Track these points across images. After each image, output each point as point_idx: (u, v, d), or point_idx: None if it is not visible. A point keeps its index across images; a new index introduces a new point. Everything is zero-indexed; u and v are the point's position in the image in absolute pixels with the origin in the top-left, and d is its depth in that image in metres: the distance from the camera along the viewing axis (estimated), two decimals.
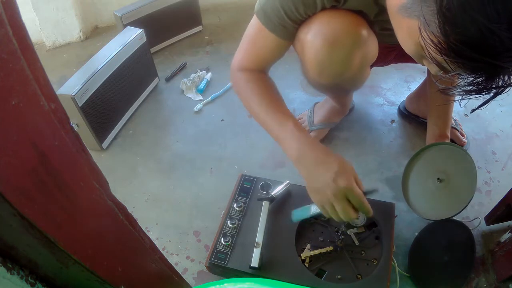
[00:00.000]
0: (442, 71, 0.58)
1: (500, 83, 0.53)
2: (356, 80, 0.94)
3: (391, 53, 1.06)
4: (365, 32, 0.79)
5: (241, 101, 0.89)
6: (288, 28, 0.80)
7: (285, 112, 0.83)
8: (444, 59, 0.52)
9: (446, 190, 0.93)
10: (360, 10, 0.79)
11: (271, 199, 0.97)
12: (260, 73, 0.88)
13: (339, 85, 0.92)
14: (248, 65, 0.87)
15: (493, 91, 0.54)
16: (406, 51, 0.65)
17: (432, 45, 0.52)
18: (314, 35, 0.78)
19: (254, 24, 0.83)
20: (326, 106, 1.24)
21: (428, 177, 0.96)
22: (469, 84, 0.53)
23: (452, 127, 1.17)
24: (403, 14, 0.58)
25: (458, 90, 0.54)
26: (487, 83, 0.53)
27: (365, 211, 0.77)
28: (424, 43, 0.54)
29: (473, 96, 0.55)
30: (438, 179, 0.94)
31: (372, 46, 0.84)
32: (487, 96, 0.55)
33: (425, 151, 0.99)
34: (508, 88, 0.55)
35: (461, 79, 0.54)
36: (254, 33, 0.84)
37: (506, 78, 0.53)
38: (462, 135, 1.20)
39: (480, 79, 0.52)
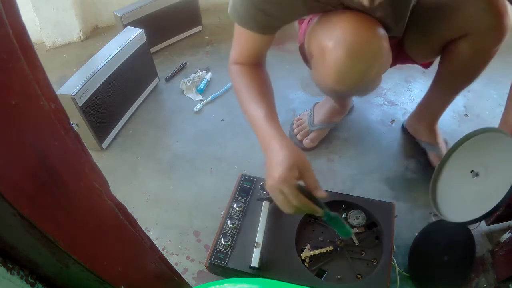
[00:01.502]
0: None
1: None
2: (368, 89, 0.94)
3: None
4: (386, 44, 0.78)
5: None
6: (259, 22, 0.79)
7: (260, 104, 0.82)
8: None
9: (479, 186, 0.82)
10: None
11: (271, 199, 0.97)
12: (251, 66, 0.89)
13: (351, 93, 0.92)
14: (239, 59, 0.89)
15: None
16: None
17: None
18: (337, 43, 0.75)
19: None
20: (326, 106, 1.24)
21: (462, 171, 0.84)
22: None
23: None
24: None
25: None
26: None
27: (304, 208, 0.74)
28: None
29: None
30: (472, 171, 0.81)
31: (389, 57, 0.82)
32: None
33: (467, 140, 0.87)
34: None
35: None
36: (236, 31, 0.85)
37: None
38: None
39: None
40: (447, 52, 0.95)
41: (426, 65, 1.11)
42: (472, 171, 0.82)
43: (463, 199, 0.83)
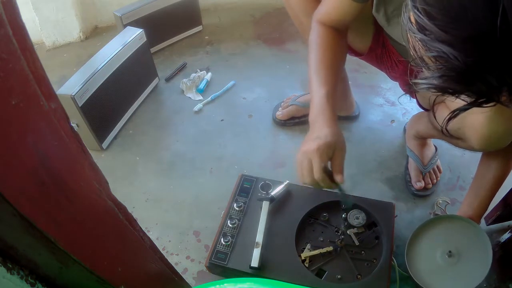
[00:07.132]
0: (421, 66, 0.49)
1: (477, 90, 0.41)
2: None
3: (398, 66, 1.02)
4: None
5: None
6: None
7: (326, 80, 0.84)
8: (412, 35, 0.45)
9: (455, 265, 0.86)
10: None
11: (271, 199, 0.97)
12: (333, 30, 0.88)
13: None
14: (323, 19, 0.88)
15: (465, 98, 0.43)
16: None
17: (407, 22, 0.46)
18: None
19: None
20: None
21: (437, 249, 0.88)
22: (437, 77, 0.43)
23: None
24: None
25: (425, 83, 0.45)
26: (456, 83, 0.42)
27: (322, 183, 0.78)
28: (406, 25, 0.47)
29: (439, 94, 0.45)
30: (449, 252, 0.86)
31: None
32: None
33: (438, 222, 0.92)
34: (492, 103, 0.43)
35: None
36: None
37: (486, 88, 0.41)
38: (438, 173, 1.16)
39: (447, 73, 0.42)
40: None
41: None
42: (449, 251, 0.86)
43: (437, 273, 0.87)
